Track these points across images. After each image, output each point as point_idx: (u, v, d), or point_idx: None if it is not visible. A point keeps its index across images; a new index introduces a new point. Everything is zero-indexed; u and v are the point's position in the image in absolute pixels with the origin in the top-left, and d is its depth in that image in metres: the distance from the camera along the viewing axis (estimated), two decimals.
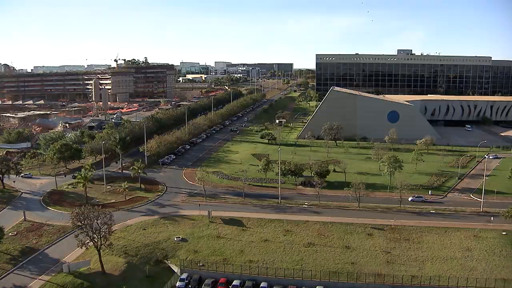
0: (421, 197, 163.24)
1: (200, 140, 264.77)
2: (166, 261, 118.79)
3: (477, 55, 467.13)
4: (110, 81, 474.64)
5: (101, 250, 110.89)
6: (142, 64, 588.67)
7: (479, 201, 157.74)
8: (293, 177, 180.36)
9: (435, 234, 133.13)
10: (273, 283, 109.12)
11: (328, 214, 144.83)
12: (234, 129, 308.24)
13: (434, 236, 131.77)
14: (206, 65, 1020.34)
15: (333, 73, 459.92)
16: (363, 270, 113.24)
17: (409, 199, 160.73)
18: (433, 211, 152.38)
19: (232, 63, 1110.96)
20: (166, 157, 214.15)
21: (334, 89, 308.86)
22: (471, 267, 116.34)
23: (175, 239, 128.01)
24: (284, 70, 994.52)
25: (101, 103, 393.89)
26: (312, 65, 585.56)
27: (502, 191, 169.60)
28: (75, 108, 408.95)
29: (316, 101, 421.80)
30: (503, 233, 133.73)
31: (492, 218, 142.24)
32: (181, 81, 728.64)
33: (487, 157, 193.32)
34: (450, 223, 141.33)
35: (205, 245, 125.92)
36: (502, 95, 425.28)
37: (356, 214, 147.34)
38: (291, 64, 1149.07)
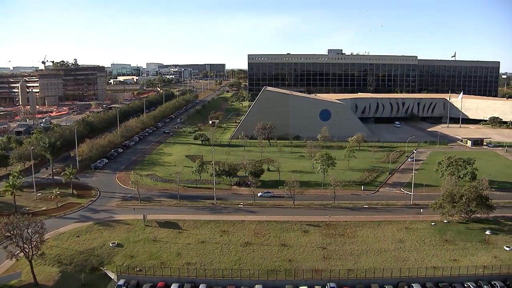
0: (269, 192, 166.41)
1: (133, 143, 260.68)
2: (102, 268, 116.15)
3: (404, 55, 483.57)
4: (38, 84, 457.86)
5: (32, 261, 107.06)
6: (72, 66, 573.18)
7: (409, 195, 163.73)
8: (228, 177, 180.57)
9: (369, 228, 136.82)
10: (212, 284, 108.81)
11: (263, 213, 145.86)
12: (167, 131, 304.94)
13: (368, 230, 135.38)
14: (138, 67, 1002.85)
15: (265, 73, 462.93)
16: (301, 267, 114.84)
17: (258, 194, 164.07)
18: (366, 206, 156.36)
19: (164, 64, 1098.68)
20: (98, 161, 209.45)
21: (267, 89, 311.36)
22: (403, 257, 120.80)
23: (111, 244, 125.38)
24: (216, 70, 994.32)
25: (28, 107, 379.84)
26: (244, 65, 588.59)
27: (430, 184, 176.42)
28: (1, 113, 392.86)
29: (249, 101, 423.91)
30: (432, 223, 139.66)
31: (421, 210, 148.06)
32: (112, 83, 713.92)
33: (415, 152, 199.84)
34: (383, 216, 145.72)
35: (142, 249, 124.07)
36: (428, 93, 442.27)
37: (291, 212, 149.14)
38: (224, 65, 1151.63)
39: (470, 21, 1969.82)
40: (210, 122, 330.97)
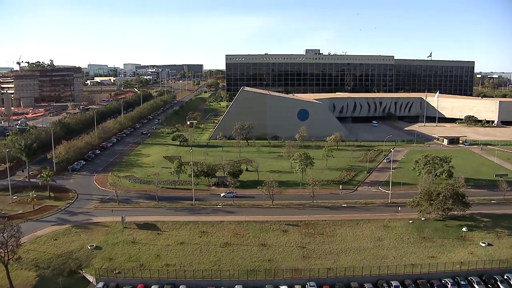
0: (232, 193, 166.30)
1: (111, 144, 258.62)
2: (80, 271, 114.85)
3: (381, 55, 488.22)
4: (13, 85, 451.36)
5: (8, 265, 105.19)
6: (48, 67, 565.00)
7: (387, 193, 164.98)
8: (206, 178, 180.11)
9: (348, 226, 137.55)
10: (192, 285, 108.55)
11: (242, 213, 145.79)
12: (145, 132, 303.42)
13: (347, 229, 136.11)
14: (115, 67, 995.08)
15: (243, 73, 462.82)
16: (280, 267, 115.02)
17: (222, 195, 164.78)
18: (345, 205, 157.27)
19: (142, 64, 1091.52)
20: (75, 163, 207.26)
21: (244, 89, 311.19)
22: (382, 255, 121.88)
23: (89, 247, 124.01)
24: (194, 71, 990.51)
25: (3, 108, 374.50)
26: (222, 66, 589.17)
27: (408, 182, 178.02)
28: None
29: (227, 101, 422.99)
30: (410, 221, 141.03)
31: (399, 208, 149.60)
32: (89, 84, 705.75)
33: (392, 151, 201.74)
34: (361, 215, 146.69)
35: (120, 251, 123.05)
36: (404, 92, 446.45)
37: (270, 212, 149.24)
38: (201, 65, 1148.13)
39: (446, 22, 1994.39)
40: (188, 122, 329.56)
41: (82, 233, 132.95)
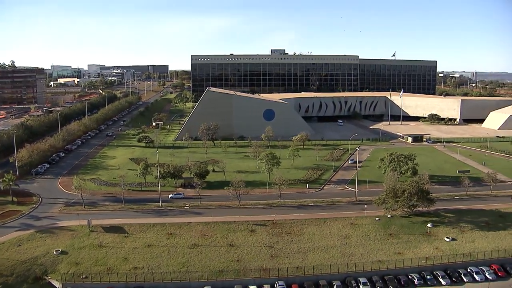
0: (180, 194, 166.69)
1: (75, 146, 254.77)
2: (46, 277, 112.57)
3: (346, 54, 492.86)
4: None
5: None
6: (9, 68, 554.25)
7: (353, 191, 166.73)
8: (173, 179, 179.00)
9: (315, 225, 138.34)
10: None
11: (210, 214, 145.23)
12: (110, 133, 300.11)
13: (314, 227, 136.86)
14: (79, 68, 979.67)
15: (209, 73, 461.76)
16: (249, 266, 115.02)
17: (169, 196, 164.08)
18: (312, 204, 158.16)
19: (106, 65, 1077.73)
20: (39, 166, 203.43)
21: (210, 89, 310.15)
22: (350, 253, 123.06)
23: (54, 252, 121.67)
24: (159, 72, 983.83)
25: None
26: (187, 66, 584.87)
27: (373, 180, 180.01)
28: None
29: (193, 102, 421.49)
30: (376, 219, 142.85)
31: (366, 206, 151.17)
32: (52, 85, 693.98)
33: (358, 149, 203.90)
34: (328, 213, 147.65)
35: (87, 255, 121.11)
36: (369, 91, 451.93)
37: (237, 212, 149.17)
38: (167, 66, 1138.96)
39: (409, 22, 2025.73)
40: (154, 124, 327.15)
41: (47, 238, 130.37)
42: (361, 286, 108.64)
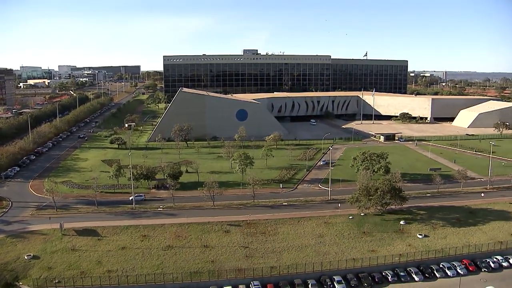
0: (141, 195, 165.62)
1: (47, 149, 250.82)
2: (17, 283, 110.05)
3: (318, 54, 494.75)
4: None
5: None
6: None
7: (327, 190, 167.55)
8: (146, 181, 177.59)
9: (289, 224, 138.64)
10: None
11: (184, 215, 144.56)
12: (82, 135, 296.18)
13: (289, 227, 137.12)
14: (49, 70, 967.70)
15: (181, 74, 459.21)
16: (224, 267, 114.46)
17: (130, 198, 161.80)
18: (286, 203, 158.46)
19: (77, 66, 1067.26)
20: (9, 169, 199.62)
21: (183, 90, 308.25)
22: (324, 252, 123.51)
23: (26, 257, 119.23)
24: (131, 72, 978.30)
25: None
26: (160, 67, 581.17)
27: (347, 179, 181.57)
28: None
29: (165, 103, 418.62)
30: (350, 217, 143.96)
31: (339, 204, 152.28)
32: (22, 87, 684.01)
33: (331, 148, 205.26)
34: (302, 213, 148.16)
35: (60, 260, 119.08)
36: (341, 91, 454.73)
37: (211, 213, 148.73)
38: (139, 67, 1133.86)
39: (381, 22, 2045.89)
40: (126, 125, 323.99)
41: (18, 242, 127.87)
42: (335, 285, 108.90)
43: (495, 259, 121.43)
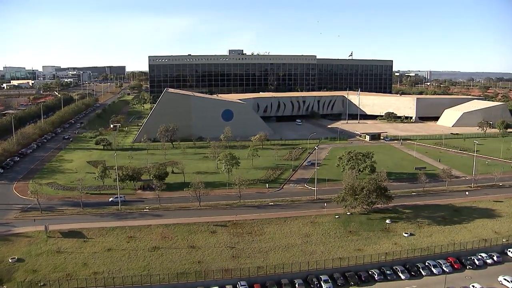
0: (121, 197, 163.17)
1: (31, 150, 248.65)
2: (1, 286, 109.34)
3: (304, 54, 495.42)
4: None
5: None
6: None
7: (313, 190, 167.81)
8: (132, 182, 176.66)
9: (276, 224, 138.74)
10: None
11: (170, 216, 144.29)
12: (67, 136, 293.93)
13: (275, 227, 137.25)
14: (33, 70, 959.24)
15: (167, 74, 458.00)
16: (211, 268, 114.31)
17: (109, 199, 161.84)
18: (272, 203, 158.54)
19: (62, 67, 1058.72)
20: None
21: (168, 90, 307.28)
22: (310, 251, 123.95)
23: (10, 260, 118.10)
24: (116, 73, 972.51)
25: None
26: (145, 67, 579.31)
27: (333, 179, 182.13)
28: None
29: (151, 103, 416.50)
30: (336, 216, 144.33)
31: (325, 204, 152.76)
32: (5, 87, 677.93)
33: (317, 148, 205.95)
34: (289, 212, 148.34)
35: (45, 262, 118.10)
36: (327, 91, 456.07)
37: (198, 214, 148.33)
38: (124, 67, 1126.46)
39: (365, 22, 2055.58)
40: (112, 126, 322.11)
41: (2, 245, 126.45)
42: (322, 284, 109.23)
43: (479, 257, 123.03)
